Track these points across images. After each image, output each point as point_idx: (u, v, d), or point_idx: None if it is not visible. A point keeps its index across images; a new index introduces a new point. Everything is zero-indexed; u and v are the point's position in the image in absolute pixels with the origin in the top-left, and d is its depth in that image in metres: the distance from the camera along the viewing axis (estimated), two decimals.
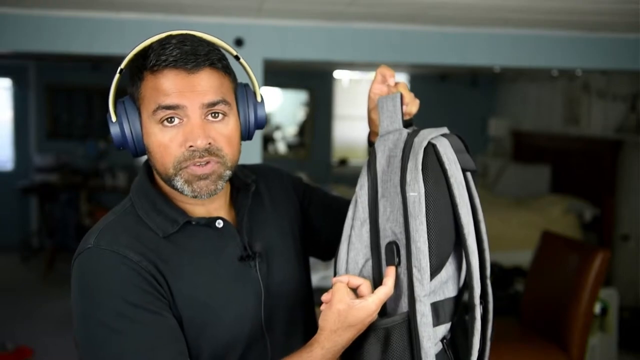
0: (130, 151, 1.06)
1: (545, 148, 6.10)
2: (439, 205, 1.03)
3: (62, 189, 6.27)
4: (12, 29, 2.99)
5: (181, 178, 1.03)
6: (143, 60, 1.02)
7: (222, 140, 1.04)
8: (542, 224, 4.75)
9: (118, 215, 1.08)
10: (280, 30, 3.19)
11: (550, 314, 3.00)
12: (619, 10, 2.70)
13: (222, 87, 1.04)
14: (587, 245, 3.52)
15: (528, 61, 3.44)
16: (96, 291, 0.99)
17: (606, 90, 5.26)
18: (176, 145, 1.02)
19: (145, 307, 0.98)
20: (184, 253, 1.06)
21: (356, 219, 1.11)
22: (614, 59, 3.44)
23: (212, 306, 1.05)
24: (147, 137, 1.04)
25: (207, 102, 1.02)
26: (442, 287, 1.06)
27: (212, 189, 1.04)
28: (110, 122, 1.06)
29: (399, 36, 3.27)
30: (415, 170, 1.03)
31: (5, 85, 6.96)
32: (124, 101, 1.06)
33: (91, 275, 1.00)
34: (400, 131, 1.11)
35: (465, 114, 7.38)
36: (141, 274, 1.00)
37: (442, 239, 1.04)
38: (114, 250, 1.00)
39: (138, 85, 1.04)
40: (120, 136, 1.05)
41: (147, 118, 1.03)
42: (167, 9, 2.92)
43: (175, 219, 1.06)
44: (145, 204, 1.08)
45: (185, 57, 1.00)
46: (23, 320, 4.71)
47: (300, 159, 7.47)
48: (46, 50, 3.06)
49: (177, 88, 1.00)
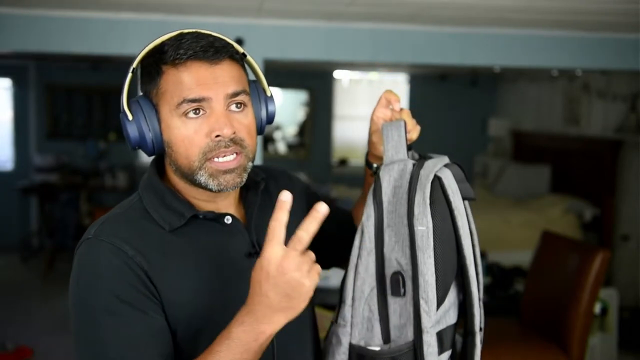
0: (147, 150, 1.06)
1: (545, 148, 6.10)
2: (445, 239, 1.07)
3: (62, 189, 6.27)
4: (12, 29, 2.99)
5: (206, 172, 1.03)
6: (161, 55, 1.03)
7: (244, 131, 1.05)
8: (542, 224, 4.75)
9: (124, 209, 1.09)
10: (280, 30, 3.19)
11: (550, 314, 3.00)
12: (619, 10, 2.70)
13: (241, 78, 1.06)
14: (587, 245, 3.52)
15: (528, 61, 3.44)
16: (88, 282, 1.00)
17: (606, 90, 5.26)
18: (201, 136, 1.02)
19: (132, 303, 0.98)
20: (189, 247, 1.06)
21: (363, 249, 1.12)
22: (614, 59, 3.44)
23: (212, 304, 1.05)
24: (169, 131, 1.04)
25: (231, 92, 1.03)
26: (445, 315, 1.09)
27: (238, 182, 1.06)
28: (126, 121, 1.05)
29: (399, 36, 3.28)
30: (423, 204, 1.05)
31: (5, 85, 6.97)
32: (139, 100, 1.06)
33: (86, 265, 1.02)
34: (405, 162, 1.13)
35: (465, 114, 7.38)
36: (134, 269, 1.00)
37: (447, 270, 1.07)
38: (111, 242, 1.01)
39: (157, 81, 1.04)
40: (137, 135, 1.04)
41: (168, 112, 1.03)
42: (167, 9, 2.92)
43: (182, 212, 1.06)
44: (153, 198, 1.08)
45: (205, 49, 1.01)
46: (23, 320, 4.71)
47: (300, 159, 7.47)
48: (46, 50, 3.07)
49: (201, 80, 1.01)
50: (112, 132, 6.95)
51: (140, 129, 1.04)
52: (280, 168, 1.34)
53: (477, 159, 7.15)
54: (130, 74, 1.06)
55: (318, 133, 7.48)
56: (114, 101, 6.95)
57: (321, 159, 7.37)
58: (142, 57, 1.06)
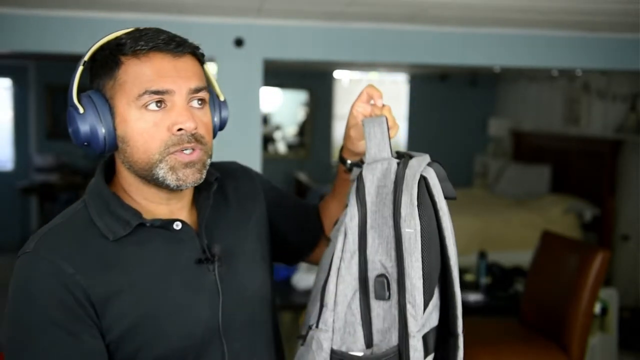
0: (97, 146, 1.01)
1: (545, 148, 6.10)
2: (432, 241, 1.03)
3: (62, 189, 6.26)
4: (12, 29, 2.99)
5: (166, 165, 0.99)
6: (119, 46, 0.99)
7: (204, 128, 1.03)
8: (542, 224, 4.75)
9: (67, 218, 1.04)
10: (280, 30, 3.19)
11: (550, 314, 3.00)
12: (619, 10, 2.70)
13: (202, 75, 1.05)
14: (587, 245, 3.52)
15: (528, 61, 3.44)
16: (21, 301, 0.97)
17: (606, 90, 5.26)
18: (162, 130, 0.99)
19: (64, 326, 0.95)
20: (134, 257, 1.01)
21: (346, 251, 1.07)
22: (614, 59, 3.44)
23: (157, 316, 1.01)
24: (125, 125, 0.99)
25: (194, 87, 1.01)
26: (429, 318, 1.06)
27: (198, 177, 1.02)
28: (76, 115, 1.00)
29: (399, 36, 3.28)
30: (411, 205, 1.01)
31: (5, 85, 6.96)
32: (90, 94, 1.01)
33: (22, 281, 0.98)
34: (389, 161, 1.08)
35: (465, 114, 7.38)
36: (70, 289, 0.96)
37: (433, 273, 1.03)
38: (50, 261, 0.97)
39: (114, 72, 1.00)
40: (89, 129, 0.99)
41: (126, 104, 0.99)
42: (167, 9, 2.92)
43: (127, 220, 1.01)
44: (98, 204, 1.03)
45: (167, 42, 0.99)
46: None
47: (300, 159, 7.47)
48: (46, 50, 3.06)
49: (164, 72, 0.98)
50: None
51: (92, 123, 0.99)
52: (234, 164, 1.29)
53: (477, 159, 7.15)
54: (80, 66, 1.02)
55: (318, 133, 7.48)
56: None
57: (321, 159, 7.37)
58: (95, 49, 1.02)
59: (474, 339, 2.87)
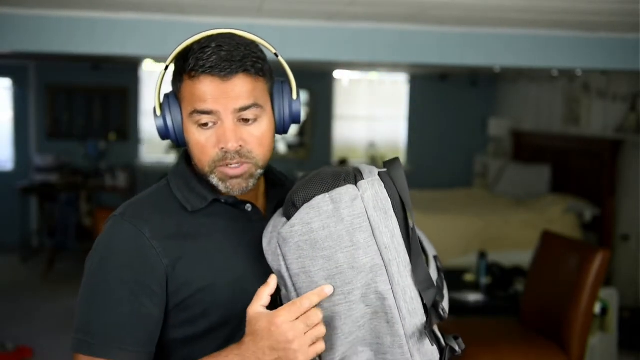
0: (173, 142, 1.15)
1: (545, 148, 6.10)
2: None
3: (62, 189, 6.26)
4: (12, 29, 2.99)
5: (216, 176, 1.11)
6: (183, 63, 1.09)
7: (254, 142, 1.10)
8: (542, 224, 4.75)
9: (152, 192, 1.18)
10: (280, 30, 3.19)
11: (550, 314, 3.00)
12: (619, 10, 2.70)
13: (254, 91, 1.09)
14: (587, 245, 3.52)
15: (528, 61, 3.44)
16: (100, 253, 1.11)
17: (606, 90, 5.26)
18: (211, 146, 1.09)
19: (129, 285, 1.07)
20: (208, 228, 1.13)
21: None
22: (614, 59, 3.44)
23: (222, 284, 1.11)
24: (187, 133, 1.12)
25: (239, 107, 1.08)
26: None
27: (244, 187, 1.12)
28: (154, 115, 1.14)
29: (399, 36, 3.28)
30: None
31: (5, 85, 6.96)
32: (169, 96, 1.14)
33: (105, 238, 1.12)
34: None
35: (465, 114, 7.38)
36: (145, 252, 1.08)
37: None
38: (133, 224, 1.10)
39: (178, 86, 1.11)
40: (163, 129, 1.14)
41: (186, 117, 1.11)
42: (167, 9, 2.92)
43: (205, 196, 1.14)
44: (179, 181, 1.17)
45: (220, 64, 1.06)
46: (23, 320, 4.71)
47: (300, 159, 7.47)
48: (46, 50, 3.06)
49: (211, 95, 1.07)
50: (112, 132, 6.95)
51: (166, 125, 1.13)
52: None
53: (477, 159, 7.15)
54: (163, 70, 1.13)
55: (318, 133, 7.49)
56: (114, 101, 6.95)
57: (321, 159, 7.37)
58: (173, 58, 1.13)
59: (474, 339, 2.87)
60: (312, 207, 0.99)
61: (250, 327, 0.99)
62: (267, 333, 0.96)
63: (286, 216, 1.04)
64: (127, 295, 1.07)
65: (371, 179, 1.00)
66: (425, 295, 1.01)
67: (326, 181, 1.01)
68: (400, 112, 7.49)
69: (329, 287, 0.97)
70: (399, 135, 7.53)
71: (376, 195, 0.99)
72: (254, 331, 0.98)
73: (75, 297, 1.12)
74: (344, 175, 1.01)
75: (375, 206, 0.99)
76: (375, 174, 1.02)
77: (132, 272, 1.08)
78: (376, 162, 7.38)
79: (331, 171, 1.04)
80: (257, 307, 0.99)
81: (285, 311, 0.96)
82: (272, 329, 0.96)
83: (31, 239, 6.74)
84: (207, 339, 1.12)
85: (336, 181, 1.01)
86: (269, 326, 0.96)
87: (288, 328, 0.95)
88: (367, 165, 1.08)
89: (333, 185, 1.00)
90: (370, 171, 1.03)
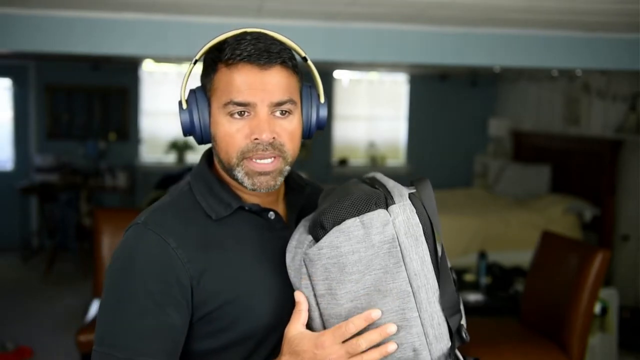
0: (196, 138, 1.12)
1: (545, 148, 6.10)
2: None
3: (62, 189, 6.26)
4: (12, 29, 2.99)
5: (242, 169, 1.08)
6: (218, 53, 1.07)
7: (286, 136, 1.09)
8: (542, 224, 4.76)
9: (174, 198, 1.14)
10: (280, 30, 3.18)
11: (550, 314, 3.00)
12: (618, 10, 2.70)
13: (290, 86, 1.09)
14: (587, 245, 3.52)
15: (528, 61, 3.44)
16: (123, 264, 1.06)
17: (606, 90, 5.26)
18: (242, 137, 1.07)
19: (154, 296, 1.03)
20: (232, 237, 1.11)
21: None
22: (613, 59, 3.44)
23: (249, 295, 1.08)
24: (215, 126, 1.09)
25: (276, 101, 1.07)
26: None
27: (272, 185, 1.09)
28: (180, 109, 1.11)
29: (399, 36, 3.28)
30: None
31: (5, 85, 6.96)
32: (196, 91, 1.11)
33: (128, 248, 1.08)
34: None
35: (465, 114, 7.38)
36: (170, 262, 1.04)
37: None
38: (157, 233, 1.06)
39: (211, 77, 1.09)
40: (189, 123, 1.11)
41: (217, 108, 1.08)
42: (167, 9, 2.92)
43: (229, 203, 1.12)
44: (202, 187, 1.14)
45: (258, 53, 1.05)
46: (23, 320, 4.71)
47: (300, 159, 7.44)
48: (46, 50, 3.06)
49: (249, 85, 1.05)
50: (112, 132, 6.95)
51: (191, 119, 1.10)
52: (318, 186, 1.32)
53: (477, 159, 7.15)
54: (192, 64, 1.11)
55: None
56: (114, 101, 6.95)
57: (321, 159, 7.37)
58: (205, 51, 1.11)
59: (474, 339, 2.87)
60: (342, 231, 0.97)
61: (289, 346, 0.98)
62: (310, 355, 0.96)
63: (313, 236, 1.01)
64: (153, 306, 1.03)
65: (402, 204, 0.98)
66: (451, 321, 1.00)
67: (357, 204, 0.99)
68: (400, 112, 7.49)
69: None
70: (399, 135, 7.53)
71: (408, 221, 0.97)
72: (294, 351, 0.97)
73: (75, 297, 1.11)
74: (375, 198, 0.99)
75: (406, 232, 0.97)
76: (406, 197, 0.99)
77: (157, 283, 1.04)
78: (376, 162, 7.39)
79: (361, 192, 1.01)
80: (298, 327, 0.99)
81: (330, 334, 0.95)
82: (317, 352, 0.95)
83: (31, 239, 6.74)
84: (229, 352, 1.10)
85: (367, 205, 0.98)
86: (313, 348, 0.95)
87: (332, 351, 0.95)
88: (394, 183, 1.05)
89: (364, 209, 0.98)
90: (400, 194, 1.00)
